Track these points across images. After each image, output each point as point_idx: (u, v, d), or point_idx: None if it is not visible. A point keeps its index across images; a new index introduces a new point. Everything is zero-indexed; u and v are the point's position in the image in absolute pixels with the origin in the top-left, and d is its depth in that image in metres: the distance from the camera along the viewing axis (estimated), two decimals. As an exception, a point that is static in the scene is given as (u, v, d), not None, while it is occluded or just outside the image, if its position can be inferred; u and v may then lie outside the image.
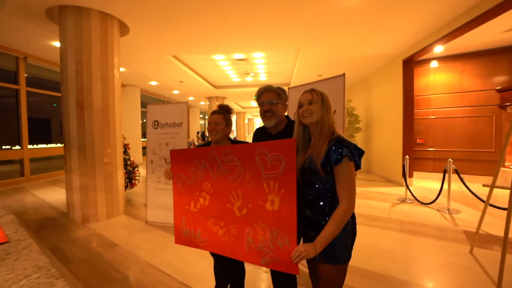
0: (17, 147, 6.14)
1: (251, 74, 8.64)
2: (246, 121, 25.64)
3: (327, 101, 1.21)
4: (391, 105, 6.34)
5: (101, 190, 3.67)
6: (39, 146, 6.74)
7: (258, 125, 1.93)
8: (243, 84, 10.17)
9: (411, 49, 5.30)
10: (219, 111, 1.61)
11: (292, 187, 1.10)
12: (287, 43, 5.26)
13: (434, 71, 6.31)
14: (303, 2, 3.57)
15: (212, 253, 1.63)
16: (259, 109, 1.55)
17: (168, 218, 3.45)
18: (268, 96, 1.51)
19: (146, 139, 3.69)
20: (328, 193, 1.16)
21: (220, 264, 1.67)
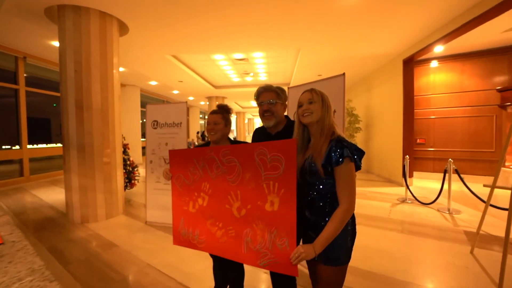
0: (16, 147, 6.13)
1: (251, 74, 8.62)
2: (246, 121, 25.62)
3: (327, 100, 1.20)
4: (391, 105, 6.33)
5: (100, 190, 3.66)
6: (39, 146, 6.73)
7: (258, 125, 1.93)
8: (243, 84, 10.16)
9: (411, 49, 5.29)
10: (218, 111, 1.60)
11: (292, 187, 1.09)
12: (287, 42, 5.24)
13: (434, 71, 6.30)
14: (303, 2, 3.55)
15: (211, 254, 1.61)
16: (258, 108, 1.54)
17: (167, 218, 3.44)
18: (267, 96, 1.50)
19: (146, 139, 3.68)
20: (328, 194, 1.15)
21: (219, 265, 1.66)
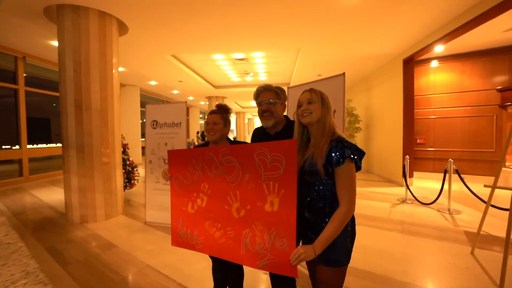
0: (16, 147, 6.12)
1: (251, 74, 8.61)
2: (246, 121, 25.61)
3: (326, 100, 1.19)
4: (391, 105, 6.32)
5: (99, 191, 3.65)
6: (39, 146, 6.72)
7: (258, 125, 1.92)
8: (243, 84, 10.15)
9: (411, 49, 5.28)
10: (217, 110, 1.59)
11: (292, 188, 1.08)
12: (287, 42, 5.23)
13: (434, 71, 6.29)
14: (303, 2, 3.54)
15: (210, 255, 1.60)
16: (257, 108, 1.53)
17: (167, 218, 3.42)
18: (267, 96, 1.49)
19: (145, 139, 3.67)
20: (328, 194, 1.14)
21: (219, 266, 1.65)
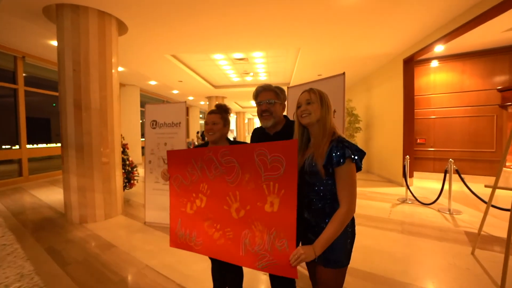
0: (16, 147, 6.11)
1: (251, 74, 8.60)
2: (246, 121, 25.60)
3: (326, 100, 1.18)
4: (391, 105, 6.31)
5: (99, 191, 3.64)
6: (38, 146, 6.71)
7: (258, 125, 1.91)
8: (242, 83, 10.14)
9: (411, 49, 5.27)
10: (216, 110, 1.58)
11: (292, 188, 1.08)
12: (287, 42, 5.22)
13: (434, 71, 6.28)
14: (303, 1, 3.53)
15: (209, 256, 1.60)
16: (257, 108, 1.52)
17: (166, 218, 3.39)
18: (266, 96, 1.48)
19: (144, 139, 3.66)
20: (328, 195, 1.13)
21: (218, 266, 1.64)
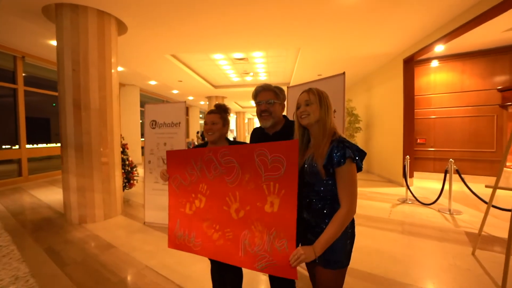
0: (16, 147, 6.10)
1: (251, 74, 8.59)
2: (246, 120, 25.59)
3: (326, 100, 1.16)
4: (391, 104, 6.30)
5: (98, 191, 3.63)
6: (38, 145, 6.70)
7: (258, 125, 1.90)
8: (242, 83, 10.14)
9: (411, 48, 5.26)
10: (215, 110, 1.57)
11: (293, 188, 1.07)
12: (287, 42, 5.21)
13: (434, 71, 6.27)
14: (303, 0, 3.52)
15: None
16: (256, 108, 1.51)
17: (166, 219, 3.36)
18: (266, 96, 1.47)
19: (144, 139, 3.65)
20: (328, 195, 1.12)
21: (217, 268, 1.63)
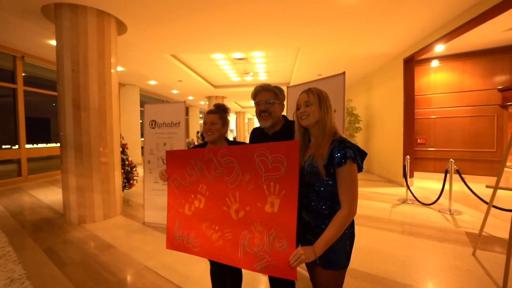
0: (16, 146, 6.09)
1: (251, 74, 8.59)
2: (246, 120, 25.59)
3: (325, 100, 1.15)
4: (391, 104, 6.29)
5: (97, 191, 3.62)
6: (38, 145, 6.70)
7: (258, 125, 1.88)
8: (242, 83, 10.13)
9: (411, 48, 5.25)
10: (215, 110, 1.56)
11: (293, 188, 1.07)
12: (286, 41, 5.20)
13: (435, 71, 6.26)
14: (303, 0, 3.51)
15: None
16: (255, 108, 1.50)
17: (165, 219, 3.36)
18: (265, 96, 1.46)
19: (144, 139, 3.64)
20: (328, 196, 1.12)
21: (217, 268, 1.63)
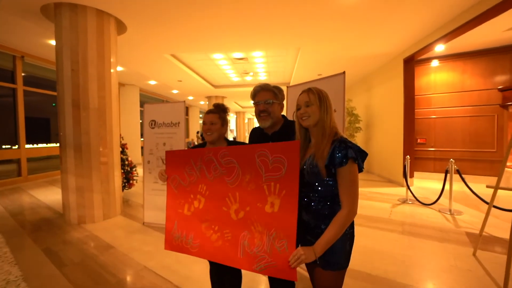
0: (16, 146, 6.09)
1: (251, 74, 8.58)
2: (246, 120, 25.58)
3: (325, 100, 1.14)
4: (391, 104, 6.29)
5: (97, 191, 3.61)
6: (38, 145, 6.69)
7: (258, 124, 1.87)
8: (242, 83, 10.12)
9: (412, 48, 5.24)
10: (214, 110, 1.55)
11: (294, 188, 1.07)
12: (286, 41, 5.20)
13: (435, 70, 6.26)
14: (303, 0, 3.50)
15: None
16: (254, 108, 1.49)
17: (165, 219, 3.40)
18: (264, 96, 1.46)
19: (143, 139, 3.63)
20: (328, 196, 1.11)
21: (216, 269, 1.62)
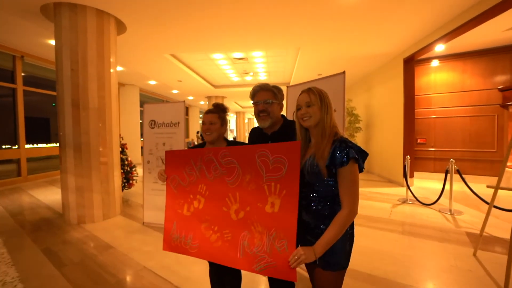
0: (15, 146, 6.08)
1: (251, 74, 8.58)
2: (246, 120, 25.57)
3: (326, 100, 1.14)
4: (391, 104, 6.28)
5: (97, 191, 3.61)
6: (38, 145, 6.69)
7: (257, 124, 1.86)
8: (242, 83, 10.12)
9: (412, 48, 5.24)
10: (213, 110, 1.55)
11: (294, 188, 1.06)
12: (286, 41, 5.19)
13: (435, 70, 6.25)
14: (303, 0, 3.49)
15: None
16: (254, 108, 1.49)
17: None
18: (263, 95, 1.45)
19: (143, 139, 3.63)
20: (328, 196, 1.11)
21: (216, 269, 1.62)
